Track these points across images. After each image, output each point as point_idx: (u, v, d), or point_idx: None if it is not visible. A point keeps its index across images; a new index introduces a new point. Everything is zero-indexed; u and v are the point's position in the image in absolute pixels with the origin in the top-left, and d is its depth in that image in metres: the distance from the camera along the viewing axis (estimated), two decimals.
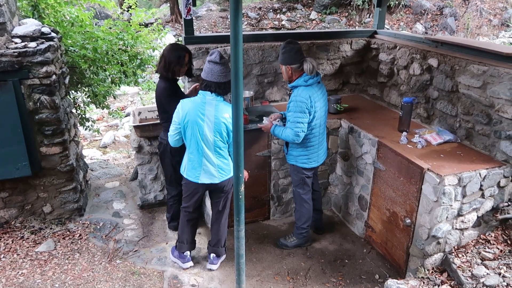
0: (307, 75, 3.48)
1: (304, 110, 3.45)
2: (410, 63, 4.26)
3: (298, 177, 3.83)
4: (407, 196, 3.47)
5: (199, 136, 3.20)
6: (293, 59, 3.48)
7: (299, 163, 3.75)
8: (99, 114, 8.72)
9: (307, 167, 3.75)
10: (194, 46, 4.25)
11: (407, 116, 3.87)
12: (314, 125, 3.58)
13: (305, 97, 3.44)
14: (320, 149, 3.75)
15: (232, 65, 1.93)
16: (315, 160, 3.75)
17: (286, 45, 3.50)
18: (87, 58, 4.54)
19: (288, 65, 3.50)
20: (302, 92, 3.47)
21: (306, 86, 3.49)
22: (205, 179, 3.35)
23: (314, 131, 3.61)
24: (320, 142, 3.72)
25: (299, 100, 3.46)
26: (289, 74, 3.55)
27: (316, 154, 3.73)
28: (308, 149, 3.68)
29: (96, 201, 4.81)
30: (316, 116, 3.54)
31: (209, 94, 3.17)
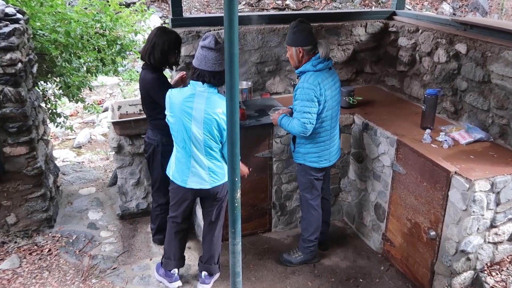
0: (316, 59, 3.49)
1: (313, 98, 3.45)
2: (435, 49, 4.26)
3: (306, 179, 3.83)
4: (431, 204, 3.47)
5: (185, 133, 3.20)
6: (306, 40, 3.49)
7: (307, 162, 3.75)
8: (73, 109, 8.71)
9: (317, 167, 3.75)
10: (182, 30, 4.24)
11: (431, 111, 3.86)
12: (325, 117, 3.58)
13: (313, 83, 3.45)
14: (332, 145, 3.75)
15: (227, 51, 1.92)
16: (327, 159, 3.75)
17: (299, 23, 3.51)
18: (59, 44, 4.53)
19: (299, 46, 3.50)
20: (310, 78, 3.47)
21: (315, 72, 3.49)
22: (194, 184, 3.34)
23: (324, 124, 3.61)
24: (332, 137, 3.72)
25: (306, 87, 3.46)
26: (299, 57, 3.54)
27: (328, 152, 3.73)
28: (318, 146, 3.68)
29: (68, 210, 4.80)
30: (327, 107, 3.54)
31: (200, 85, 3.16)
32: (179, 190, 3.42)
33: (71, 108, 8.68)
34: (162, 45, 3.56)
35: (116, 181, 5.05)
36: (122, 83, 10.04)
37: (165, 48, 3.57)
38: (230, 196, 2.10)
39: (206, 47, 3.13)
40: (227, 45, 1.87)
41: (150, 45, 3.59)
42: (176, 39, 3.62)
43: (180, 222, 3.57)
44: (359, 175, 4.43)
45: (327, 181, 4.07)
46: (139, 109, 4.66)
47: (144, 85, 3.67)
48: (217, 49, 3.13)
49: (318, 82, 3.46)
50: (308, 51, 3.52)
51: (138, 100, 4.60)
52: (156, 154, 3.84)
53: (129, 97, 9.07)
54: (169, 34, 3.60)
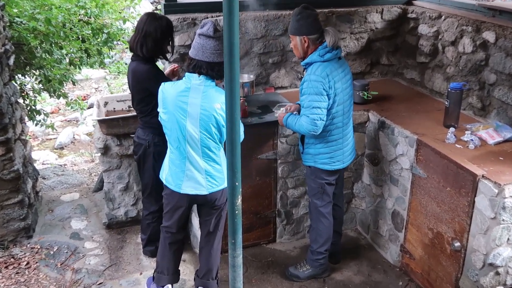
0: (323, 48, 3.49)
1: (321, 91, 3.45)
2: (459, 37, 4.25)
3: (316, 183, 3.83)
4: (456, 212, 3.46)
5: (180, 132, 3.20)
6: (312, 28, 3.50)
7: (318, 164, 3.75)
8: (54, 105, 8.74)
9: (329, 169, 3.75)
10: (176, 16, 4.25)
11: (456, 107, 3.85)
12: (336, 113, 3.58)
13: (321, 75, 3.45)
14: (346, 145, 3.75)
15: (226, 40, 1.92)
16: (340, 160, 3.75)
17: (302, 10, 3.51)
18: (38, 32, 4.54)
19: (304, 35, 3.50)
20: (318, 69, 3.47)
21: (322, 62, 3.49)
22: (189, 189, 3.34)
23: (335, 121, 3.61)
24: (345, 135, 3.72)
25: (313, 79, 3.46)
26: (304, 48, 3.55)
27: (341, 152, 3.73)
28: (330, 145, 3.68)
29: (49, 219, 4.80)
30: (337, 101, 3.55)
31: (195, 77, 3.16)
32: (173, 196, 3.42)
33: (52, 105, 8.70)
34: (155, 33, 3.57)
35: (102, 186, 5.06)
36: (109, 77, 10.06)
37: (158, 36, 3.58)
38: (230, 203, 2.10)
39: (204, 35, 3.14)
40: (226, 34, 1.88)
41: (141, 34, 3.59)
42: (167, 24, 3.63)
43: (174, 232, 3.58)
44: (374, 179, 4.43)
45: (340, 185, 4.06)
46: (128, 105, 4.67)
47: (137, 77, 3.67)
48: (216, 37, 3.13)
49: (326, 74, 3.46)
50: (314, 40, 3.52)
51: (127, 96, 4.60)
52: (147, 155, 3.84)
53: (117, 92, 9.09)
54: (160, 20, 3.61)
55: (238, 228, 2.16)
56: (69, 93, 7.13)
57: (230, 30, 1.88)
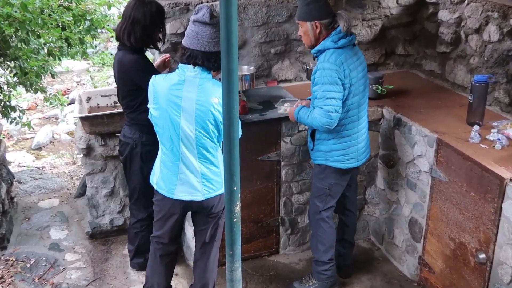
0: (337, 33, 3.51)
1: (336, 80, 3.45)
2: (484, 24, 4.25)
3: (324, 183, 3.83)
4: (481, 220, 3.46)
5: (173, 130, 3.20)
6: (324, 12, 3.51)
7: (330, 162, 3.75)
8: (31, 101, 8.74)
9: (342, 168, 3.75)
10: (168, 1, 4.25)
11: (480, 102, 3.85)
12: (351, 105, 3.59)
13: (335, 62, 3.46)
14: (361, 141, 3.76)
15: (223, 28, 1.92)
16: (354, 158, 3.75)
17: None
18: (13, 19, 4.54)
19: (316, 20, 3.51)
20: (332, 57, 3.48)
21: (336, 49, 3.50)
22: (183, 194, 3.34)
23: (350, 114, 3.62)
24: (359, 130, 3.73)
25: (327, 67, 3.46)
26: (316, 34, 3.55)
27: (355, 149, 3.73)
28: (344, 141, 3.69)
29: (25, 228, 4.81)
30: (353, 91, 3.55)
31: (190, 68, 3.16)
32: (165, 202, 3.42)
33: (29, 100, 8.71)
34: (144, 19, 3.57)
35: (84, 191, 5.07)
36: (92, 69, 10.07)
37: (147, 22, 3.58)
38: (227, 210, 2.10)
39: (199, 22, 3.14)
40: (223, 21, 1.88)
41: (128, 22, 3.59)
42: (158, 9, 3.63)
43: (166, 243, 3.57)
44: (389, 183, 4.43)
45: (353, 188, 4.07)
46: (114, 101, 4.67)
47: (123, 68, 3.67)
48: (212, 24, 3.13)
49: (341, 61, 3.47)
50: (326, 25, 3.53)
51: (112, 90, 4.61)
52: (134, 156, 3.84)
53: (101, 86, 9.10)
54: (150, 5, 3.61)
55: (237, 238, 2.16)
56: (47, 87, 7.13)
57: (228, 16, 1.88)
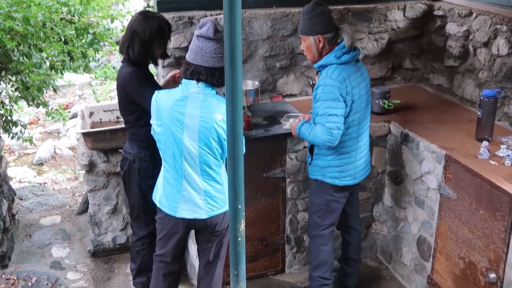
0: (340, 49, 3.51)
1: (338, 97, 3.45)
2: (493, 38, 4.25)
3: (321, 199, 3.83)
4: (491, 238, 3.44)
5: (176, 147, 3.20)
6: (327, 26, 3.52)
7: (326, 178, 3.75)
8: (32, 115, 8.77)
9: (338, 185, 3.74)
10: (171, 15, 4.27)
11: (489, 118, 3.84)
12: (351, 122, 3.59)
13: (337, 78, 3.45)
14: (359, 158, 3.75)
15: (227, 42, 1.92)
16: (351, 175, 3.74)
17: (316, 6, 3.53)
18: (15, 33, 4.56)
19: (319, 34, 3.52)
20: (334, 73, 3.48)
21: (339, 65, 3.50)
22: (186, 212, 3.33)
23: (350, 131, 3.62)
24: (358, 147, 3.72)
25: (329, 84, 3.46)
26: (319, 49, 3.56)
27: (353, 166, 3.73)
28: (342, 158, 3.68)
29: (27, 245, 4.80)
30: (354, 109, 3.55)
31: (194, 84, 3.17)
32: (167, 221, 3.40)
33: (31, 115, 8.73)
34: (143, 34, 3.58)
35: (87, 208, 5.06)
36: (94, 82, 10.10)
37: (146, 38, 3.59)
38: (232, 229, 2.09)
39: (203, 37, 3.14)
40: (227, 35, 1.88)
41: (129, 34, 3.61)
42: (159, 26, 3.64)
43: (169, 261, 3.56)
44: (396, 201, 4.41)
45: (355, 205, 4.06)
46: (117, 116, 4.68)
47: (120, 82, 3.69)
48: (216, 39, 3.14)
49: (343, 78, 3.47)
50: (329, 39, 3.54)
51: (115, 105, 4.61)
52: (132, 172, 3.84)
53: (104, 100, 9.12)
54: (151, 21, 3.62)
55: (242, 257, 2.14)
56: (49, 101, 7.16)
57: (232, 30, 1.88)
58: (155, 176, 3.74)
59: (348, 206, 3.98)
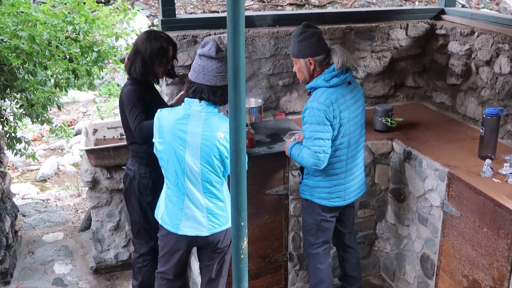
0: (330, 72, 3.52)
1: (324, 121, 3.46)
2: (495, 56, 4.27)
3: (312, 218, 3.84)
4: (494, 256, 3.43)
5: (178, 164, 3.22)
6: (317, 48, 3.52)
7: (315, 199, 3.76)
8: (37, 132, 8.79)
9: (326, 205, 3.75)
10: (175, 33, 4.30)
11: (492, 136, 3.85)
12: (339, 145, 3.59)
13: (324, 102, 3.46)
14: (350, 180, 3.74)
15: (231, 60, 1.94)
16: (340, 197, 3.74)
17: (305, 29, 3.54)
18: (21, 51, 4.59)
19: (309, 57, 3.54)
20: (322, 96, 3.49)
21: (328, 88, 3.51)
22: (188, 230, 3.33)
23: (338, 153, 3.62)
24: (349, 170, 3.71)
25: (316, 107, 3.47)
26: (310, 71, 3.58)
27: (342, 188, 3.73)
28: (330, 179, 3.68)
29: (29, 262, 4.79)
30: (342, 132, 3.55)
31: (196, 103, 3.19)
32: (169, 238, 3.41)
33: (35, 131, 8.76)
34: (144, 53, 3.61)
35: (89, 225, 5.06)
36: (98, 100, 10.14)
37: (146, 57, 3.61)
38: (234, 246, 2.09)
39: (206, 56, 3.17)
40: (231, 53, 1.90)
41: (133, 52, 3.65)
42: (161, 46, 3.65)
43: (171, 279, 3.55)
44: (400, 218, 4.40)
45: (349, 224, 4.05)
46: (120, 133, 4.70)
47: (120, 99, 3.73)
48: (219, 58, 3.17)
49: (331, 101, 3.47)
50: (320, 61, 3.55)
51: (118, 122, 4.63)
52: (132, 188, 3.85)
53: (108, 117, 9.15)
54: (154, 41, 3.64)
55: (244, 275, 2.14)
56: (53, 118, 7.19)
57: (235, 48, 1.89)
58: (155, 193, 3.75)
59: (342, 225, 4.00)
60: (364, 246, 4.63)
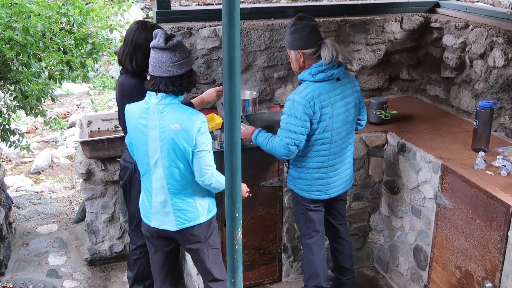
0: (317, 66, 3.52)
1: (301, 115, 3.47)
2: (489, 49, 4.28)
3: (298, 207, 3.89)
4: (487, 248, 3.46)
5: (144, 159, 3.23)
6: (307, 42, 3.53)
7: (297, 189, 3.80)
8: (30, 124, 8.77)
9: (306, 197, 3.77)
10: (170, 26, 4.30)
11: (485, 128, 3.87)
12: (319, 140, 3.60)
13: (306, 97, 3.47)
14: (332, 175, 3.74)
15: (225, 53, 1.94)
16: (321, 190, 3.75)
17: (297, 21, 3.55)
18: (15, 43, 4.58)
19: (299, 49, 3.55)
20: (305, 90, 3.50)
21: (313, 82, 3.52)
22: (157, 223, 3.33)
23: (319, 148, 3.63)
24: (331, 165, 3.71)
25: (296, 101, 3.49)
26: (300, 63, 3.59)
27: (323, 182, 3.73)
28: (311, 173, 3.70)
29: (23, 254, 4.79)
30: (323, 127, 3.56)
31: (153, 96, 3.15)
32: (145, 227, 3.45)
33: (28, 124, 8.73)
34: (146, 44, 3.60)
35: (84, 217, 5.06)
36: (93, 92, 10.11)
37: (149, 47, 3.61)
38: (229, 237, 2.11)
39: (156, 48, 3.09)
40: (226, 46, 1.90)
41: (131, 47, 3.61)
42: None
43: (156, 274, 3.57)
44: (393, 210, 4.42)
45: (340, 218, 4.05)
46: (115, 125, 4.69)
47: (123, 92, 3.69)
48: (169, 48, 3.08)
49: (312, 96, 3.48)
50: (310, 54, 3.55)
51: (113, 114, 4.63)
52: (133, 181, 3.84)
53: (102, 109, 9.13)
54: (152, 29, 3.63)
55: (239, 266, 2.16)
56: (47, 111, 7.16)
57: (231, 41, 1.90)
58: None
59: (332, 217, 4.02)
60: (358, 238, 4.66)
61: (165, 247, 3.46)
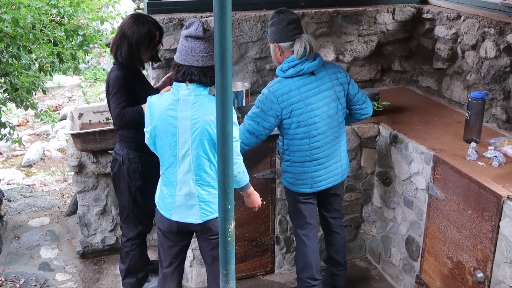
0: (288, 62, 3.52)
1: (268, 110, 3.51)
2: (481, 40, 4.29)
3: (289, 199, 3.93)
4: (478, 238, 3.47)
5: (170, 151, 3.19)
6: (282, 35, 3.53)
7: (285, 182, 3.85)
8: (21, 117, 8.73)
9: (294, 190, 3.81)
10: (162, 17, 4.28)
11: (477, 119, 3.88)
12: (297, 135, 3.61)
13: (275, 93, 3.50)
14: (317, 169, 3.73)
15: (217, 44, 1.94)
16: (307, 184, 3.75)
17: (275, 15, 3.57)
18: (4, 35, 4.55)
19: (276, 42, 3.58)
20: (275, 85, 3.53)
21: (285, 78, 3.54)
22: (180, 216, 3.30)
23: (298, 143, 3.63)
24: (314, 159, 3.70)
25: (265, 95, 3.54)
26: (278, 56, 3.61)
27: (308, 176, 3.73)
28: (295, 165, 3.72)
29: (15, 247, 4.78)
30: (297, 123, 3.56)
31: (184, 87, 3.15)
32: (163, 221, 3.38)
33: (19, 116, 8.70)
34: (132, 38, 3.60)
35: (76, 210, 5.06)
36: (84, 84, 10.07)
37: (134, 41, 3.60)
38: (221, 229, 2.11)
39: (192, 37, 3.09)
40: (217, 37, 1.90)
41: (118, 36, 3.62)
42: (148, 31, 3.64)
43: (166, 266, 3.53)
44: (386, 201, 4.44)
45: (332, 211, 4.05)
46: (106, 117, 4.68)
47: (107, 84, 3.72)
48: (206, 38, 3.10)
49: (281, 93, 3.50)
50: (286, 48, 3.55)
51: (104, 106, 4.61)
52: (121, 173, 3.84)
53: (94, 101, 9.10)
54: (141, 26, 3.62)
55: (231, 258, 2.16)
56: (38, 103, 7.14)
57: (222, 32, 1.89)
58: (144, 177, 3.75)
59: (325, 210, 4.04)
60: (350, 229, 4.67)
61: (181, 242, 3.46)
